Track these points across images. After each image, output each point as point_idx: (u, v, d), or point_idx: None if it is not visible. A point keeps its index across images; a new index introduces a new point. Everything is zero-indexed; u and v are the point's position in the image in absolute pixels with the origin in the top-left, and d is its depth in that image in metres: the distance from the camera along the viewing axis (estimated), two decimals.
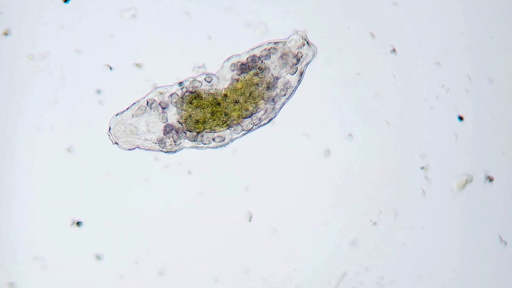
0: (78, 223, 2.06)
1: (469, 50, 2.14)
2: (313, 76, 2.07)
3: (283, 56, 2.02)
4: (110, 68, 2.06)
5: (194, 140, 1.98)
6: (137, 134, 1.99)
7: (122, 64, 2.06)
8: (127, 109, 2.01)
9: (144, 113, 1.99)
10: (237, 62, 2.01)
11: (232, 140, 2.03)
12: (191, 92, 1.97)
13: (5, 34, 2.04)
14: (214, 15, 2.08)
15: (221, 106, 1.99)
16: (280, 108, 2.05)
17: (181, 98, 1.99)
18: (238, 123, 1.99)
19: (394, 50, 2.11)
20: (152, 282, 2.09)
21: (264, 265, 2.11)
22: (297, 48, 2.03)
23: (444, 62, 2.13)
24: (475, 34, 2.14)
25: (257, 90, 1.99)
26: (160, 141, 1.98)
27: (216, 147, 2.04)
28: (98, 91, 2.06)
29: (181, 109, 1.98)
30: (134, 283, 2.08)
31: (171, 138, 1.97)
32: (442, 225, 2.13)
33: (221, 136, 2.01)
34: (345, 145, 2.12)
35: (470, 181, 2.13)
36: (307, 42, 2.04)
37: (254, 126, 2.00)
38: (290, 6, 2.09)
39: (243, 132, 2.01)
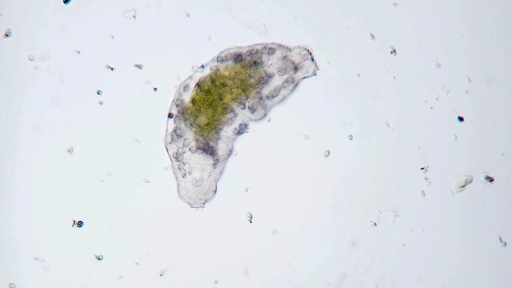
0: (79, 223, 2.07)
1: (469, 50, 2.14)
2: (313, 77, 2.07)
3: (283, 60, 2.02)
4: (112, 69, 2.06)
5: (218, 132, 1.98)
6: (202, 180, 2.02)
7: (122, 65, 2.06)
8: (177, 184, 2.04)
9: (181, 173, 2.01)
10: (233, 53, 2.01)
11: (250, 118, 2.03)
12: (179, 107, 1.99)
13: (6, 35, 2.04)
14: (214, 15, 2.08)
15: (212, 93, 1.99)
16: (269, 108, 2.05)
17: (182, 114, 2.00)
18: (235, 106, 2.00)
19: (394, 51, 2.11)
20: (152, 283, 2.09)
21: (264, 265, 2.11)
22: (300, 60, 2.03)
23: (444, 63, 2.12)
24: (475, 35, 2.14)
25: (248, 80, 1.99)
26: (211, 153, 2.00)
27: (240, 132, 2.05)
28: (99, 92, 2.06)
29: (187, 119, 1.99)
30: (134, 284, 2.08)
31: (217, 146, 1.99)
32: (442, 226, 2.13)
33: (241, 124, 2.02)
34: (345, 146, 2.12)
35: (470, 181, 2.13)
36: (312, 58, 2.04)
37: (260, 100, 1.99)
38: (290, 6, 2.09)
39: (254, 108, 2.01)
